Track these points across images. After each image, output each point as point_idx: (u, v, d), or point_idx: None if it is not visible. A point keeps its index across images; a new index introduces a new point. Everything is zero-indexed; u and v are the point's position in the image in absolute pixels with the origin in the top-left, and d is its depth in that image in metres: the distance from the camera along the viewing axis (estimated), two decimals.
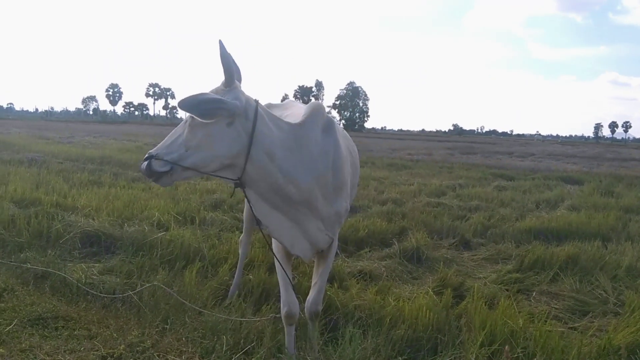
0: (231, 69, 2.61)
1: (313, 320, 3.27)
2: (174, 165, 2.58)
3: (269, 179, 2.69)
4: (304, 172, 2.76)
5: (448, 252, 6.42)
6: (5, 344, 2.82)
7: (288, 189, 2.73)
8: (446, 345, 3.53)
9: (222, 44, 2.55)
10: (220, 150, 2.58)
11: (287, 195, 2.75)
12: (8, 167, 11.05)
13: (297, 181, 2.74)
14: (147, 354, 2.89)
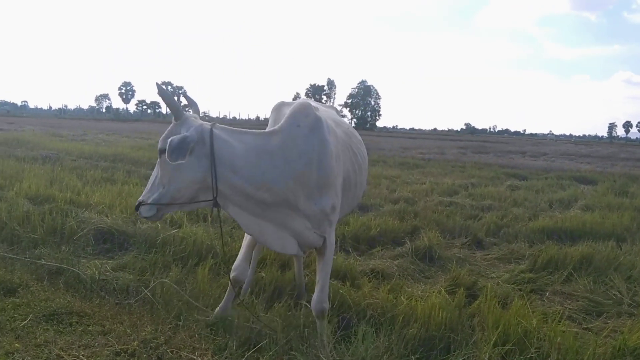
0: (174, 105, 2.91)
1: (320, 319, 3.30)
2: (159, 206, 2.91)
3: (239, 190, 2.88)
4: (276, 176, 2.90)
5: (460, 251, 6.39)
6: (21, 339, 2.84)
7: (259, 195, 2.89)
8: (459, 344, 3.52)
9: (159, 86, 2.82)
10: (188, 177, 2.84)
11: (262, 200, 2.92)
12: (22, 164, 11.15)
13: (268, 185, 2.88)
14: (160, 350, 2.90)
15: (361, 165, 3.59)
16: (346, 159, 3.38)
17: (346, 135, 3.52)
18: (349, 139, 3.51)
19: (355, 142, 3.63)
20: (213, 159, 2.79)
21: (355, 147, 3.58)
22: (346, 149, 3.41)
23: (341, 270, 4.96)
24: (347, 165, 3.39)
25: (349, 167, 3.40)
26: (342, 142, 3.37)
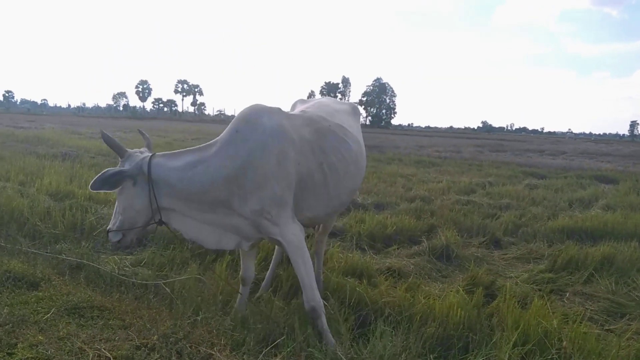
0: (116, 146, 3.31)
1: (315, 318, 3.36)
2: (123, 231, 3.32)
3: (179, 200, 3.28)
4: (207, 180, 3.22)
5: (478, 250, 6.34)
6: (44, 332, 2.88)
7: (197, 198, 3.26)
8: (478, 344, 3.49)
9: (103, 133, 3.31)
10: (136, 205, 3.26)
11: (200, 202, 3.27)
12: (43, 161, 11.30)
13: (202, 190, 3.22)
14: (179, 345, 2.92)
15: (335, 164, 3.57)
16: (307, 159, 3.43)
17: (316, 135, 3.55)
18: (319, 139, 3.54)
19: (333, 142, 3.62)
20: (151, 185, 3.23)
21: (331, 146, 3.59)
22: (310, 149, 3.46)
23: (358, 268, 4.96)
24: (309, 165, 3.43)
25: (312, 167, 3.44)
26: (304, 143, 3.44)
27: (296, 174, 3.35)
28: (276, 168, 3.25)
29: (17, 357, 2.60)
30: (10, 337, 2.81)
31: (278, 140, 3.30)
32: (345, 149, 3.69)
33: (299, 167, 3.36)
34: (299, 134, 3.44)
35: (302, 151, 3.41)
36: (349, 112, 4.24)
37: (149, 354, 2.77)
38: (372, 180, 11.76)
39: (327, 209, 3.70)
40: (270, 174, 3.23)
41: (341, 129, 3.78)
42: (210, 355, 2.85)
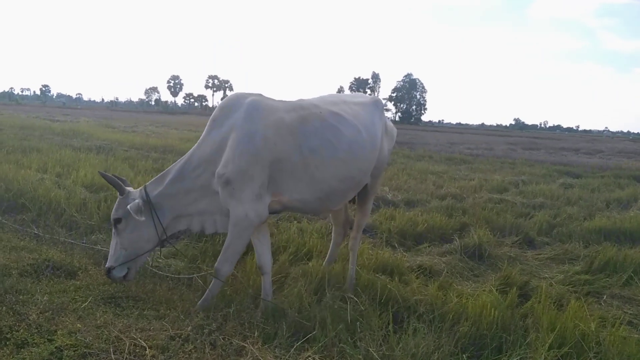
0: (117, 185, 3.66)
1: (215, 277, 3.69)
2: (128, 264, 3.61)
3: (182, 203, 3.69)
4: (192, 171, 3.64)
5: (511, 250, 6.24)
6: (82, 320, 2.95)
7: (191, 190, 3.65)
8: (512, 345, 3.44)
9: (101, 173, 3.72)
10: (146, 232, 3.61)
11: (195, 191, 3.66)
12: (78, 153, 11.54)
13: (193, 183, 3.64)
14: (212, 336, 2.95)
15: (317, 148, 3.68)
16: (284, 141, 3.58)
17: (299, 120, 3.69)
18: (301, 124, 3.68)
19: (317, 127, 3.72)
20: (153, 210, 3.59)
21: (314, 130, 3.70)
22: (289, 132, 3.61)
23: (388, 266, 4.93)
24: (286, 147, 3.58)
25: (290, 149, 3.59)
26: (282, 125, 3.61)
27: (269, 153, 3.52)
28: (246, 146, 3.47)
29: (56, 343, 2.66)
30: (50, 324, 2.89)
31: (251, 122, 3.54)
32: (333, 135, 3.75)
33: (274, 147, 3.54)
34: (277, 116, 3.63)
35: (278, 133, 3.57)
36: (361, 104, 4.25)
37: (183, 345, 2.81)
38: (402, 177, 11.68)
39: (316, 193, 3.76)
40: (239, 150, 3.46)
41: (334, 116, 3.84)
42: (243, 347, 2.88)
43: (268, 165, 3.52)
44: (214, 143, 3.60)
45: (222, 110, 3.71)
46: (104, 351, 2.60)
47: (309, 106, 3.85)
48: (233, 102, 3.72)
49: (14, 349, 2.69)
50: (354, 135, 3.87)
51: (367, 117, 4.12)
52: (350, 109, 4.04)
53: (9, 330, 2.83)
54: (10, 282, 3.39)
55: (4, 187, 6.67)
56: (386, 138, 4.42)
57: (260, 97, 3.74)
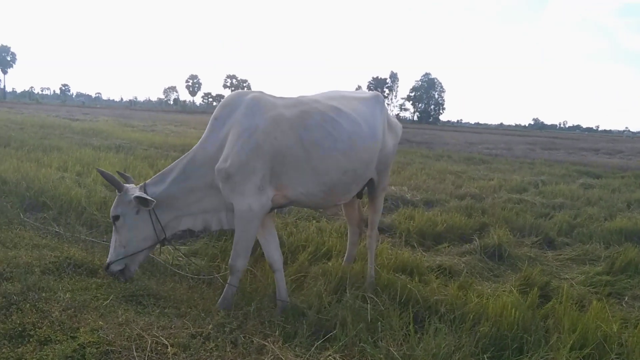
0: (115, 182, 3.70)
1: (231, 274, 3.71)
2: (125, 260, 3.68)
3: (185, 202, 3.74)
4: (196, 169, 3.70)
5: (531, 250, 6.18)
6: (104, 317, 2.98)
7: (194, 189, 3.71)
8: (533, 345, 3.40)
9: (99, 171, 3.78)
10: (144, 231, 3.68)
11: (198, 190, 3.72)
12: (98, 152, 11.68)
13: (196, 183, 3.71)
14: (233, 334, 2.97)
15: (318, 141, 3.74)
16: (285, 134, 3.65)
17: (300, 114, 3.76)
18: (301, 117, 3.75)
19: (318, 120, 3.78)
20: (152, 209, 3.62)
21: (315, 124, 3.76)
22: (289, 126, 3.68)
23: (408, 265, 4.91)
24: (287, 140, 3.65)
25: (290, 142, 3.65)
26: (283, 119, 3.68)
27: (270, 147, 3.58)
28: (246, 140, 3.54)
29: (79, 340, 2.69)
30: (72, 321, 2.92)
31: (251, 117, 3.61)
32: (333, 128, 3.81)
33: (275, 141, 3.60)
34: (278, 112, 3.70)
35: (279, 127, 3.64)
36: (361, 98, 4.31)
37: (205, 343, 2.82)
38: (421, 176, 11.63)
39: (319, 186, 3.81)
40: (239, 145, 3.53)
41: (335, 110, 3.91)
42: (264, 346, 2.88)
43: (269, 158, 3.59)
44: (218, 141, 3.67)
45: (224, 108, 3.78)
46: (126, 349, 2.63)
47: (309, 101, 3.93)
48: (234, 100, 3.79)
49: (37, 346, 2.72)
50: (354, 127, 3.94)
51: (366, 111, 4.18)
52: (349, 104, 4.11)
53: (32, 327, 2.87)
54: (33, 280, 3.44)
55: (26, 186, 6.77)
56: (390, 133, 4.45)
57: (260, 94, 3.81)
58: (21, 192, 6.54)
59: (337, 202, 4.15)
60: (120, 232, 3.68)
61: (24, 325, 2.88)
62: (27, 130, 17.70)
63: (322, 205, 4.32)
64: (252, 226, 3.62)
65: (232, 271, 3.71)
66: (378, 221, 4.62)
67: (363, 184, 4.30)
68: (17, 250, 4.15)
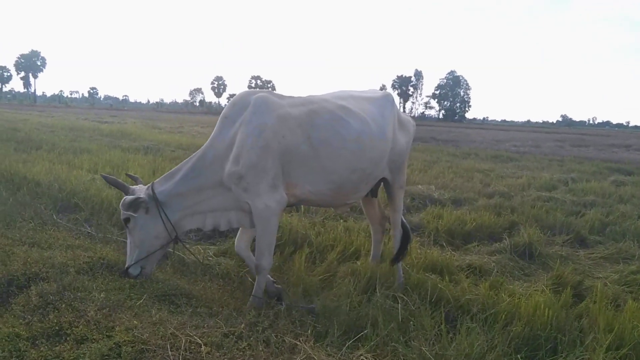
0: (121, 186, 3.77)
1: (257, 273, 3.80)
2: (141, 263, 3.72)
3: (194, 201, 3.75)
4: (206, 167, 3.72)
5: (562, 249, 6.08)
6: (138, 316, 3.02)
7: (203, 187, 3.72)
8: (567, 346, 3.35)
9: (103, 177, 3.91)
10: (154, 230, 3.70)
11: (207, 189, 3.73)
12: (127, 154, 11.87)
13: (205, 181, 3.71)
14: (265, 334, 2.98)
15: (326, 139, 3.80)
16: (293, 133, 3.71)
17: (308, 113, 3.81)
18: (309, 116, 3.80)
19: (326, 119, 3.84)
20: (160, 207, 3.67)
21: (323, 123, 3.81)
22: (297, 124, 3.74)
23: (437, 265, 4.88)
24: (295, 138, 3.70)
25: (298, 140, 3.71)
26: (291, 118, 3.73)
27: (279, 145, 3.64)
28: (255, 140, 3.58)
29: (115, 339, 2.73)
30: (107, 321, 2.96)
31: (258, 116, 3.65)
32: (341, 126, 3.86)
33: (283, 140, 3.66)
34: (285, 110, 3.75)
35: (286, 125, 3.69)
36: (370, 98, 4.34)
37: (237, 342, 2.84)
38: (448, 175, 11.53)
39: (328, 184, 3.86)
40: (248, 145, 3.58)
41: (343, 109, 3.96)
42: (295, 345, 2.89)
43: (278, 157, 3.64)
44: (227, 139, 3.70)
45: (234, 107, 3.82)
46: (161, 347, 2.66)
47: (318, 101, 3.98)
48: (243, 99, 3.82)
49: (75, 345, 2.77)
50: (363, 127, 3.98)
51: (375, 111, 4.21)
52: (358, 103, 4.15)
53: (68, 326, 2.92)
54: (69, 280, 3.50)
55: (58, 188, 6.92)
56: (401, 131, 4.46)
57: (268, 93, 3.85)
58: (54, 194, 6.68)
59: (346, 201, 4.19)
60: (133, 234, 3.72)
61: (60, 324, 2.94)
62: (57, 133, 18.09)
63: (331, 204, 4.37)
64: (272, 224, 3.69)
65: (258, 270, 3.77)
66: (400, 220, 4.61)
67: (373, 183, 4.32)
68: (52, 251, 4.23)
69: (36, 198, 6.52)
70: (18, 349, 2.78)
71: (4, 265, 3.78)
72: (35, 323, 2.98)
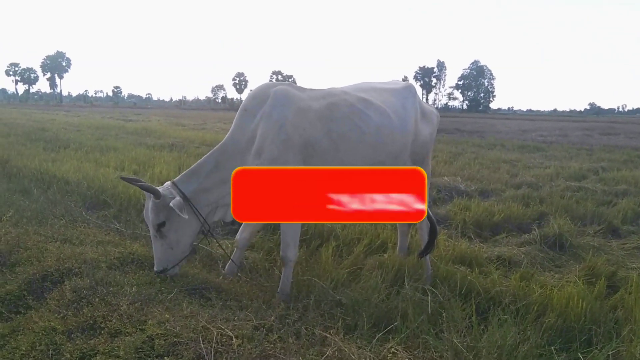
0: (151, 189, 3.58)
1: (283, 265, 3.83)
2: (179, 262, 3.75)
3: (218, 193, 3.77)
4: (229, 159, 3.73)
5: (594, 239, 5.95)
6: (170, 310, 3.05)
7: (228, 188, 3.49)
8: (602, 337, 3.29)
9: (127, 179, 3.79)
10: (191, 226, 3.72)
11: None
12: (152, 151, 12.00)
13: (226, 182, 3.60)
14: (295, 326, 2.99)
15: (346, 133, 3.79)
16: (313, 126, 3.71)
17: (327, 106, 3.81)
18: (329, 109, 3.80)
19: (346, 112, 3.83)
20: (189, 203, 3.64)
21: (342, 116, 3.81)
22: (317, 117, 3.73)
23: (466, 257, 4.84)
24: (315, 132, 3.70)
25: (319, 134, 3.71)
26: (311, 111, 3.74)
27: (300, 138, 3.64)
28: (277, 133, 3.59)
29: (148, 332, 2.77)
30: (140, 314, 3.00)
31: (279, 109, 3.65)
32: (361, 120, 3.84)
33: (304, 133, 3.66)
34: (305, 103, 3.74)
35: (307, 119, 3.69)
36: (391, 90, 4.29)
37: (268, 334, 2.85)
38: (475, 166, 11.40)
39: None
40: (270, 139, 3.59)
41: (363, 101, 3.93)
42: (325, 337, 2.89)
43: (300, 150, 3.65)
44: (249, 132, 3.72)
45: (253, 99, 3.81)
46: (193, 340, 2.68)
47: (338, 93, 3.96)
48: (263, 91, 3.82)
49: (109, 338, 2.82)
50: (383, 119, 3.95)
51: (397, 103, 4.17)
52: (379, 95, 4.11)
53: (102, 319, 2.97)
54: (101, 275, 3.55)
55: (86, 185, 7.03)
56: (424, 122, 4.40)
57: (288, 86, 3.84)
58: (82, 192, 6.80)
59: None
60: (168, 236, 3.65)
61: (94, 318, 2.99)
62: (84, 132, 18.38)
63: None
64: None
65: (284, 262, 3.80)
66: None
67: None
68: (84, 247, 4.30)
69: (66, 196, 6.64)
70: (54, 343, 2.85)
71: (38, 262, 3.86)
72: (70, 317, 3.04)
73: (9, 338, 3.03)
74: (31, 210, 5.66)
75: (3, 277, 3.79)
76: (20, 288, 3.57)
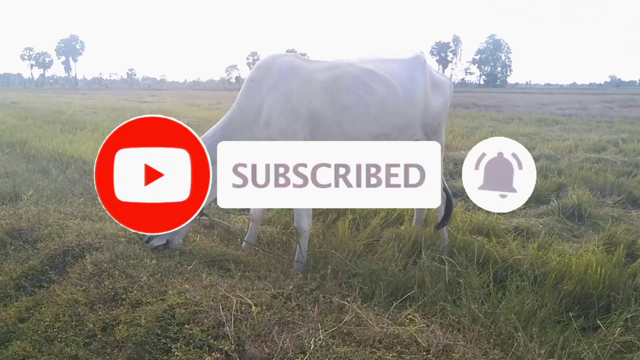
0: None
1: (298, 235, 3.86)
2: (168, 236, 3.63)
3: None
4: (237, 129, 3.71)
5: (613, 210, 5.91)
6: (189, 281, 3.10)
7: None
8: (621, 304, 3.28)
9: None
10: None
11: None
12: None
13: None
14: (313, 295, 3.02)
15: (349, 105, 3.76)
16: (318, 97, 3.69)
17: (332, 78, 3.78)
18: (334, 81, 3.78)
19: (350, 84, 3.80)
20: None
21: (346, 87, 3.78)
22: (322, 89, 3.72)
23: (484, 228, 4.83)
24: (320, 104, 3.69)
25: (323, 105, 3.69)
26: (316, 83, 3.72)
27: (306, 110, 3.64)
28: (284, 105, 3.61)
29: (168, 302, 2.82)
30: (160, 285, 3.06)
31: (286, 80, 3.66)
32: (365, 92, 3.81)
33: (310, 104, 3.65)
34: (311, 75, 3.73)
35: (311, 90, 3.69)
36: (399, 60, 4.22)
37: (286, 302, 2.89)
38: None
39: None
40: (277, 111, 3.60)
41: (367, 73, 3.89)
42: (343, 305, 2.92)
43: (307, 122, 3.66)
44: (256, 103, 3.70)
45: (260, 71, 3.80)
46: (212, 309, 2.73)
47: (343, 65, 3.93)
48: (268, 62, 3.80)
49: (130, 308, 2.89)
50: (388, 91, 3.90)
51: (403, 74, 4.10)
52: (385, 66, 4.05)
53: (123, 291, 3.04)
54: (121, 249, 3.61)
55: None
56: (435, 93, 4.30)
57: (293, 57, 3.83)
58: None
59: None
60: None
61: (116, 290, 3.06)
62: (99, 114, 18.53)
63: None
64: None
65: (299, 232, 3.84)
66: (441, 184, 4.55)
67: None
68: (103, 223, 4.37)
69: (84, 175, 6.73)
70: (77, 314, 2.92)
71: (59, 238, 3.94)
72: (92, 289, 3.11)
73: (33, 311, 3.12)
74: (50, 189, 5.75)
75: (26, 253, 3.88)
76: (42, 263, 3.65)
